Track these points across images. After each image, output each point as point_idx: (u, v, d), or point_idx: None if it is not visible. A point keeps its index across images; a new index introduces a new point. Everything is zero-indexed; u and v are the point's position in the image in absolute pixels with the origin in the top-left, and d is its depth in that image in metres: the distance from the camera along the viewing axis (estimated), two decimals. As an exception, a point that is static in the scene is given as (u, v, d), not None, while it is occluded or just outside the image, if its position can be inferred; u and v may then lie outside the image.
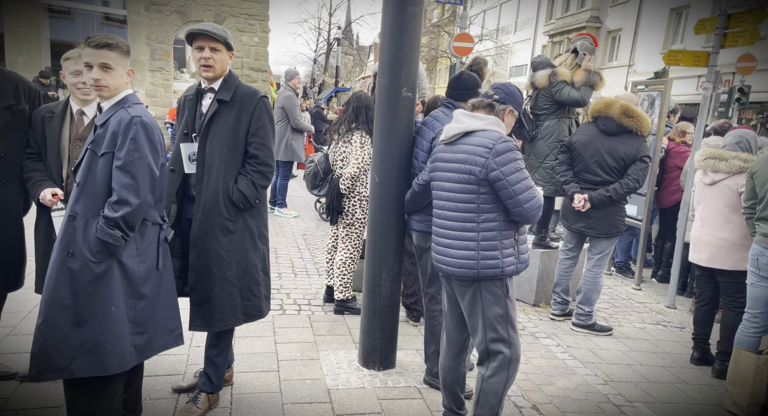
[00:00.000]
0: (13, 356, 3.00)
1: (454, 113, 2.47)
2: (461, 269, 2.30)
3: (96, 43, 2.09)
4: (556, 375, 3.34)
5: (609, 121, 3.87)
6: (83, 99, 2.63)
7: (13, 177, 2.63)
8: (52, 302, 2.05)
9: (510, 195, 2.21)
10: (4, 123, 2.53)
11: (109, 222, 2.05)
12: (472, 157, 2.26)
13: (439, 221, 2.43)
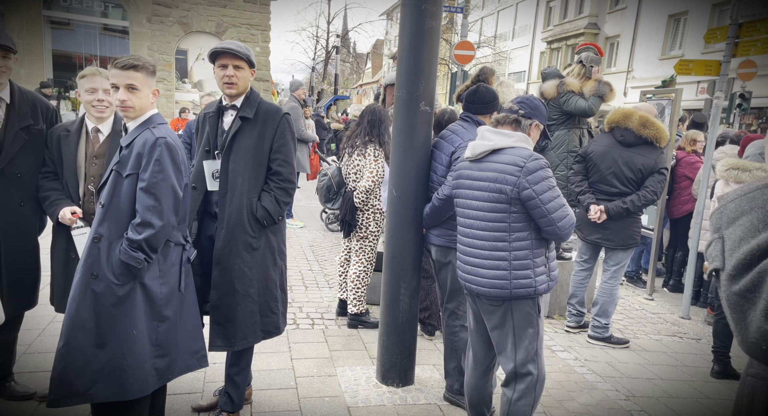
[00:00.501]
0: (30, 375, 2.95)
1: (479, 130, 2.42)
2: (492, 289, 2.26)
3: (123, 65, 2.09)
4: (577, 390, 3.30)
5: (627, 132, 3.85)
6: (98, 117, 2.61)
7: (29, 197, 2.62)
8: (74, 325, 2.02)
9: (543, 213, 2.18)
10: (21, 143, 2.51)
11: (133, 245, 2.04)
12: (502, 176, 2.22)
13: (466, 239, 2.38)
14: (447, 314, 3.06)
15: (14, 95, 2.50)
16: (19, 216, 2.56)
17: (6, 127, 2.46)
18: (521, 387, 2.30)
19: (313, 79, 36.60)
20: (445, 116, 3.38)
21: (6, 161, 2.46)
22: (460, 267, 2.43)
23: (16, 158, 2.51)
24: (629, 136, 3.85)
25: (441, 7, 3.01)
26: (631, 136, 3.85)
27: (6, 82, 2.48)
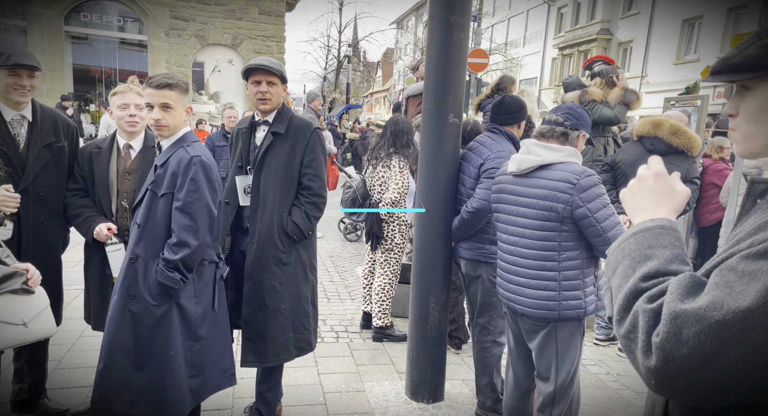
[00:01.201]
0: (63, 392, 2.95)
1: (524, 143, 2.29)
2: (539, 310, 2.18)
3: (157, 84, 2.10)
4: (612, 406, 3.22)
5: (657, 141, 3.79)
6: (130, 132, 2.62)
7: (52, 215, 2.59)
8: (113, 346, 2.02)
9: (598, 233, 2.09)
10: (44, 161, 2.50)
11: (169, 265, 2.03)
12: (552, 193, 2.12)
13: (509, 257, 2.30)
14: (478, 329, 3.01)
15: (36, 113, 2.50)
16: (42, 234, 2.55)
17: (29, 146, 2.45)
18: (557, 413, 2.24)
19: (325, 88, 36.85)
20: (468, 127, 3.35)
21: (29, 180, 2.45)
22: (502, 285, 2.35)
23: (39, 176, 2.49)
24: (659, 145, 3.78)
25: (469, 19, 2.99)
26: (661, 146, 3.78)
27: (29, 101, 2.49)
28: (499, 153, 2.87)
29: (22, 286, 1.73)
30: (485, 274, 2.92)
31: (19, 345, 1.71)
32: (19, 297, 1.71)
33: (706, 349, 0.76)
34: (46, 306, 1.81)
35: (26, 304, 1.73)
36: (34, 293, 1.78)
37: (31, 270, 1.81)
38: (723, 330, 0.75)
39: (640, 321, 0.84)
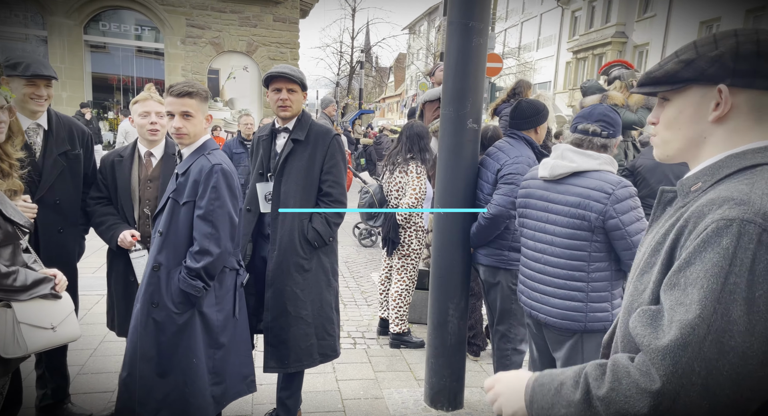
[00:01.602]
0: (86, 396, 2.99)
1: (558, 148, 2.19)
2: (564, 321, 2.12)
3: (178, 92, 2.11)
4: None
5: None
6: (151, 140, 2.65)
7: (68, 223, 2.59)
8: (136, 354, 2.04)
9: (628, 246, 2.01)
10: (60, 169, 2.50)
11: (191, 273, 2.04)
12: (586, 201, 2.03)
13: (535, 265, 2.23)
14: (498, 337, 2.98)
15: (51, 121, 2.51)
16: (59, 243, 2.55)
17: (45, 154, 2.45)
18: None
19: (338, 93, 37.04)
20: (488, 133, 3.34)
21: (45, 188, 2.45)
22: (525, 293, 2.30)
23: (56, 185, 2.49)
24: None
25: (488, 24, 2.98)
26: None
27: (45, 110, 2.49)
28: (517, 158, 2.85)
29: (51, 291, 1.76)
30: (504, 281, 2.90)
31: (48, 348, 1.74)
32: (48, 302, 1.74)
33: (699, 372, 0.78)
34: (71, 311, 1.84)
35: (54, 309, 1.76)
36: (61, 298, 1.81)
37: (58, 276, 1.84)
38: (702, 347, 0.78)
39: (622, 381, 0.85)
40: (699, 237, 0.86)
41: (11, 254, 1.66)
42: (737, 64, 0.93)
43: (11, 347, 1.63)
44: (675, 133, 1.04)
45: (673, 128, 1.04)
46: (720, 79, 0.95)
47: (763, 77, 0.93)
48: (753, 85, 0.94)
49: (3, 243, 1.61)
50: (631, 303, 1.00)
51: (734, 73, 0.94)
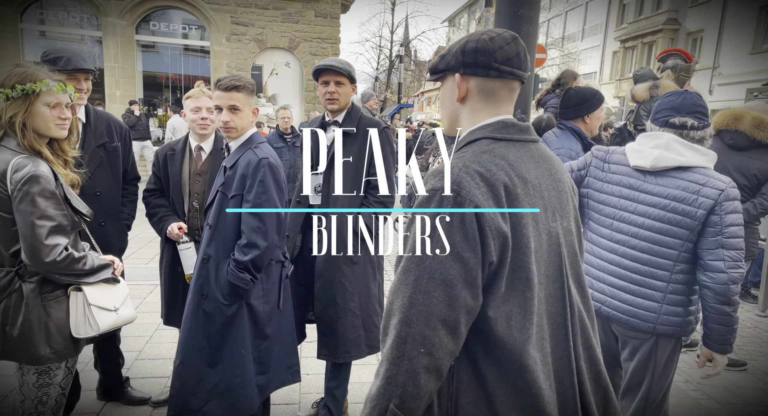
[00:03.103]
0: (144, 381, 3.11)
1: (663, 137, 1.98)
2: (633, 319, 1.99)
3: (226, 86, 2.13)
4: (693, 417, 3.03)
5: (738, 134, 3.53)
6: (201, 134, 2.70)
7: (109, 217, 2.60)
8: (189, 344, 2.09)
9: (716, 245, 1.87)
10: (98, 161, 2.54)
11: (239, 266, 2.07)
12: (694, 197, 1.88)
13: (608, 255, 2.06)
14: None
15: (89, 114, 2.56)
16: (101, 236, 2.53)
17: (83, 146, 2.48)
18: None
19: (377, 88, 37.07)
20: (542, 124, 3.25)
21: (85, 179, 2.47)
22: (589, 284, 2.11)
23: (96, 176, 2.50)
24: (741, 139, 3.53)
25: (538, 12, 2.90)
26: (742, 139, 3.52)
27: (84, 103, 2.52)
28: (558, 150, 2.75)
29: (112, 276, 1.84)
30: None
31: (113, 329, 1.83)
32: (109, 285, 1.82)
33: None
34: (128, 295, 1.91)
35: (115, 292, 1.84)
36: (119, 282, 1.89)
37: (116, 261, 1.92)
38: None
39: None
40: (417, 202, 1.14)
41: (74, 241, 1.74)
42: (465, 57, 1.20)
43: (83, 327, 1.72)
44: (444, 112, 1.32)
45: (443, 108, 1.32)
46: (457, 69, 1.23)
47: (481, 67, 1.20)
48: (476, 73, 1.21)
49: (71, 231, 1.69)
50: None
51: (464, 64, 1.21)
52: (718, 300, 1.88)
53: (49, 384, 1.70)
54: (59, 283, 1.70)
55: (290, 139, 5.77)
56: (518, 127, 1.22)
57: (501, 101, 1.22)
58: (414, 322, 1.03)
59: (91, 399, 2.86)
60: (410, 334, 1.02)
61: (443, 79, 1.28)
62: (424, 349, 1.02)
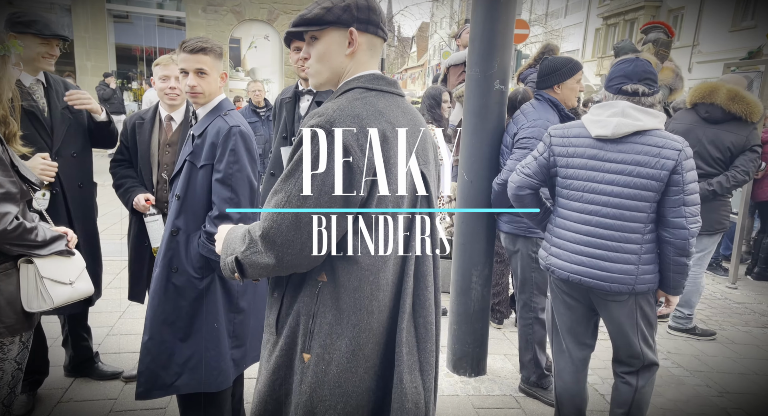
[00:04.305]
0: (116, 356, 3.07)
1: (618, 105, 2.03)
2: (614, 284, 2.04)
3: (192, 48, 2.02)
4: (663, 384, 3.10)
5: (713, 107, 3.54)
6: (170, 104, 2.61)
7: (86, 179, 2.60)
8: (157, 319, 2.02)
9: (679, 203, 1.96)
10: (68, 123, 2.50)
11: (211, 238, 2.00)
12: (656, 159, 1.95)
13: (582, 227, 2.09)
14: (520, 305, 2.93)
15: (48, 79, 2.50)
16: (80, 198, 2.57)
17: (50, 108, 2.45)
18: (647, 375, 2.18)
19: (360, 64, 36.43)
20: (518, 97, 3.20)
21: (60, 140, 2.45)
22: (567, 259, 2.13)
23: (68, 138, 2.49)
24: (715, 112, 3.54)
25: (517, -20, 2.83)
26: (717, 112, 3.53)
27: (52, 68, 2.48)
28: (535, 122, 2.72)
29: (66, 248, 1.76)
30: (524, 249, 2.82)
31: (68, 303, 1.76)
32: (63, 258, 1.74)
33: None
34: (84, 268, 1.84)
35: (70, 265, 1.77)
36: (74, 254, 1.81)
37: (69, 233, 1.84)
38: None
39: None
40: (298, 138, 1.20)
41: (23, 211, 1.66)
42: (359, 13, 1.25)
43: (35, 301, 1.65)
44: (325, 65, 1.32)
45: (323, 61, 1.32)
46: (350, 23, 1.26)
47: (373, 25, 1.29)
48: (368, 30, 1.29)
49: (20, 199, 1.61)
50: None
51: (358, 20, 1.26)
52: (678, 254, 1.99)
53: (3, 359, 1.64)
54: (9, 255, 1.62)
55: (264, 113, 5.65)
56: (387, 80, 1.32)
57: (376, 58, 1.34)
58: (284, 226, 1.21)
59: (59, 375, 2.81)
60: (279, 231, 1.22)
61: (322, 32, 1.29)
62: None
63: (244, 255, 1.26)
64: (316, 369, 1.26)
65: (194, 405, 2.11)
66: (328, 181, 1.17)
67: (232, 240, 1.34)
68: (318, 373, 1.26)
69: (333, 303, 1.26)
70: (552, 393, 2.85)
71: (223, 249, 1.36)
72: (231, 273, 1.31)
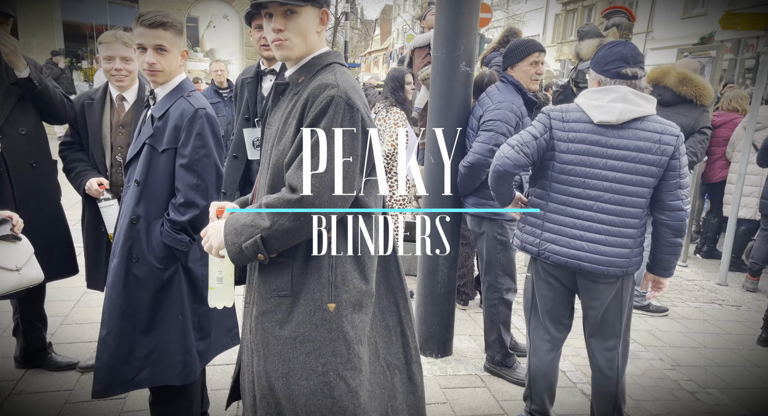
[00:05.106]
0: (70, 346, 2.96)
1: (620, 90, 2.02)
2: (611, 268, 2.06)
3: (150, 22, 1.88)
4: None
5: (665, 90, 3.64)
6: (118, 86, 2.48)
7: (42, 157, 2.48)
8: (117, 312, 1.91)
9: (675, 187, 2.02)
10: (16, 98, 2.37)
11: (175, 226, 1.91)
12: (657, 146, 1.97)
13: (584, 213, 2.08)
14: (486, 286, 2.97)
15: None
16: (33, 178, 2.43)
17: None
18: (624, 352, 2.24)
19: (322, 47, 35.82)
20: (485, 79, 3.21)
21: (4, 117, 2.31)
22: (566, 244, 2.11)
23: (16, 114, 2.36)
24: (667, 94, 3.64)
25: (482, -41, 2.80)
26: (668, 95, 3.63)
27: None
28: (500, 104, 2.72)
29: (11, 233, 1.66)
30: (489, 231, 2.86)
31: (15, 290, 1.66)
32: (9, 243, 1.64)
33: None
34: (32, 254, 1.74)
35: (16, 251, 1.67)
36: (21, 240, 1.70)
37: (15, 217, 1.73)
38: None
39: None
40: (318, 107, 1.35)
41: None
42: None
43: None
44: (303, 40, 1.43)
45: (302, 36, 1.43)
46: (323, 4, 1.43)
47: (328, 5, 1.47)
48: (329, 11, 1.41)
49: None
50: (278, 159, 1.44)
51: (326, 2, 1.42)
52: (674, 235, 2.05)
53: None
54: None
55: (227, 94, 5.49)
56: (343, 56, 1.50)
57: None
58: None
59: (9, 367, 2.68)
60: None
61: (303, 8, 1.39)
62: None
63: (272, 230, 1.35)
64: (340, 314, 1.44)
65: (163, 398, 2.05)
66: (357, 143, 1.39)
67: (241, 227, 1.39)
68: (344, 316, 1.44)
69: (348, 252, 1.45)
70: (516, 372, 2.93)
71: (231, 239, 1.40)
72: (253, 255, 1.38)
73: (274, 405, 1.45)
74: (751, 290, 4.62)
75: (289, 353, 1.42)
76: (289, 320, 1.42)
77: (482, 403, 2.69)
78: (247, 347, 1.56)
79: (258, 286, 1.49)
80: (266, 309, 1.45)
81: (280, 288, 1.43)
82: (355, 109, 1.37)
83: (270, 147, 1.52)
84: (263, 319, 1.46)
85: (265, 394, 1.45)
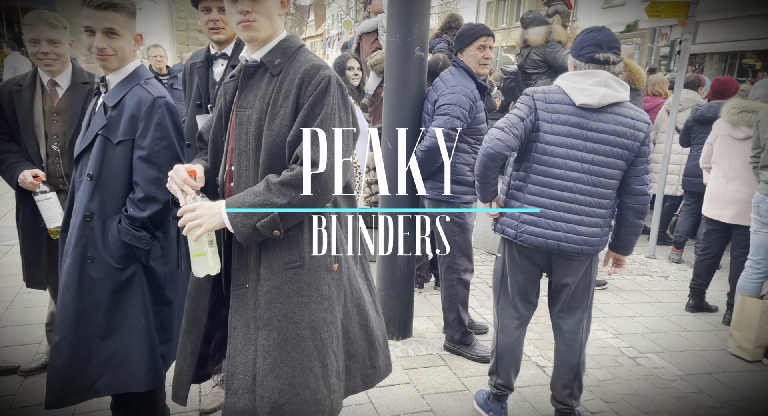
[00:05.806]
0: (9, 349, 2.77)
1: (601, 75, 2.08)
2: (586, 246, 2.15)
3: (99, 3, 1.75)
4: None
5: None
6: (47, 70, 2.30)
7: None
8: (71, 316, 1.79)
9: (644, 172, 2.14)
10: None
11: (135, 223, 1.81)
12: (631, 131, 2.07)
13: (563, 194, 2.14)
14: (444, 268, 3.04)
15: None
16: None
17: None
18: (587, 326, 2.35)
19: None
20: (439, 64, 3.24)
21: None
22: (546, 225, 2.16)
23: None
24: None
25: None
26: None
27: None
28: (454, 88, 2.78)
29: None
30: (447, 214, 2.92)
31: None
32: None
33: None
34: None
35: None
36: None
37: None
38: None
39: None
40: (318, 87, 1.47)
41: None
42: None
43: None
44: (270, 22, 1.52)
45: (270, 18, 1.51)
46: None
47: None
48: None
49: None
50: (275, 139, 1.50)
51: None
52: (637, 217, 2.19)
53: None
54: None
55: (167, 81, 5.22)
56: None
57: None
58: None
59: (-59, 378, 2.47)
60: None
61: None
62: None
63: (291, 205, 1.45)
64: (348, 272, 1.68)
65: (126, 404, 1.95)
66: (349, 116, 1.57)
67: (251, 207, 1.45)
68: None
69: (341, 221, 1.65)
70: (475, 349, 3.03)
71: (240, 221, 1.47)
72: (269, 232, 1.46)
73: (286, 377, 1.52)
74: (676, 261, 5.03)
75: (314, 314, 1.56)
76: (307, 287, 1.55)
77: (444, 381, 2.77)
78: (245, 326, 1.54)
79: (265, 263, 1.54)
80: (281, 283, 1.53)
81: (293, 259, 1.53)
82: (343, 87, 1.54)
83: (254, 129, 1.52)
84: (278, 292, 1.53)
85: (278, 363, 1.51)
